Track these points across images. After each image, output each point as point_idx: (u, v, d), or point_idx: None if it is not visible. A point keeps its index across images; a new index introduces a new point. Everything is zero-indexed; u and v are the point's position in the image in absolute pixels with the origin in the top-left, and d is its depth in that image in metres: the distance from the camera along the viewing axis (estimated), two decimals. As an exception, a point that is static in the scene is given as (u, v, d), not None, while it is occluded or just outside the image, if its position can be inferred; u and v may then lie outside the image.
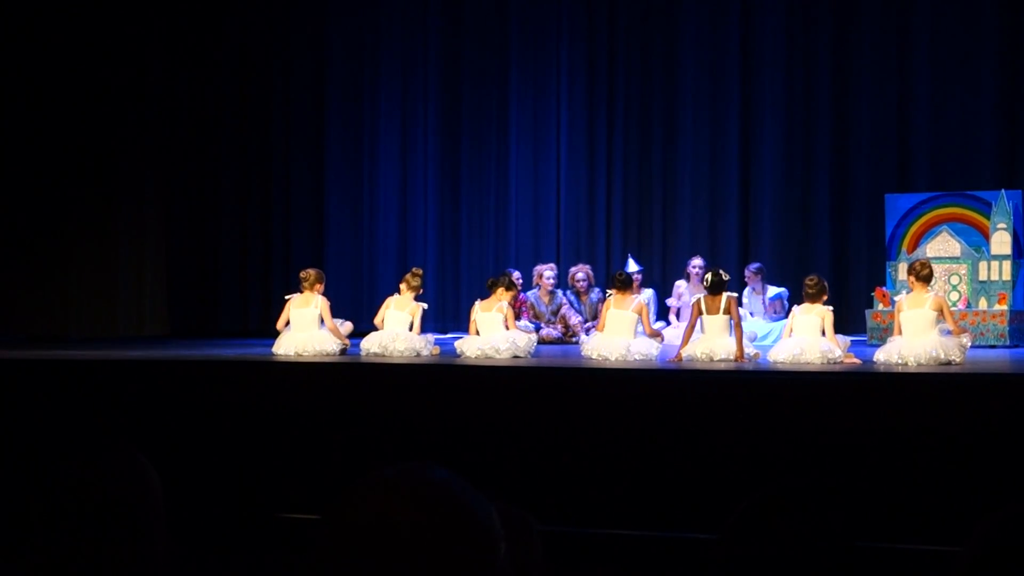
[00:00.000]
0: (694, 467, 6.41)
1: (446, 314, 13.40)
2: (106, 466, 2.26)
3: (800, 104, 12.69)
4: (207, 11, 13.84)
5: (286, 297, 9.48)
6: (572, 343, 11.46)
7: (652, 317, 11.87)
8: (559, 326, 11.74)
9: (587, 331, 11.67)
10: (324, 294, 9.36)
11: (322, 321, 9.17)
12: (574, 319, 11.71)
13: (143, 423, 7.25)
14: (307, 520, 6.68)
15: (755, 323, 11.42)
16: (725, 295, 8.60)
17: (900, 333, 8.10)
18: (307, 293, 9.26)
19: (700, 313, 8.63)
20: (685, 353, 8.48)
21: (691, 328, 8.74)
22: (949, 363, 7.66)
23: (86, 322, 13.33)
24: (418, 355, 8.98)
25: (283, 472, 7.06)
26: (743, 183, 12.87)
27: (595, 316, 11.70)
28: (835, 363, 7.87)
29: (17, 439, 7.30)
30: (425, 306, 9.45)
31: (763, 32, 12.82)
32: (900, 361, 7.73)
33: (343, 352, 9.10)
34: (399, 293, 9.44)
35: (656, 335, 9.16)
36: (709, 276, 8.75)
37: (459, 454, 6.54)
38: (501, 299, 9.30)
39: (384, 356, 8.88)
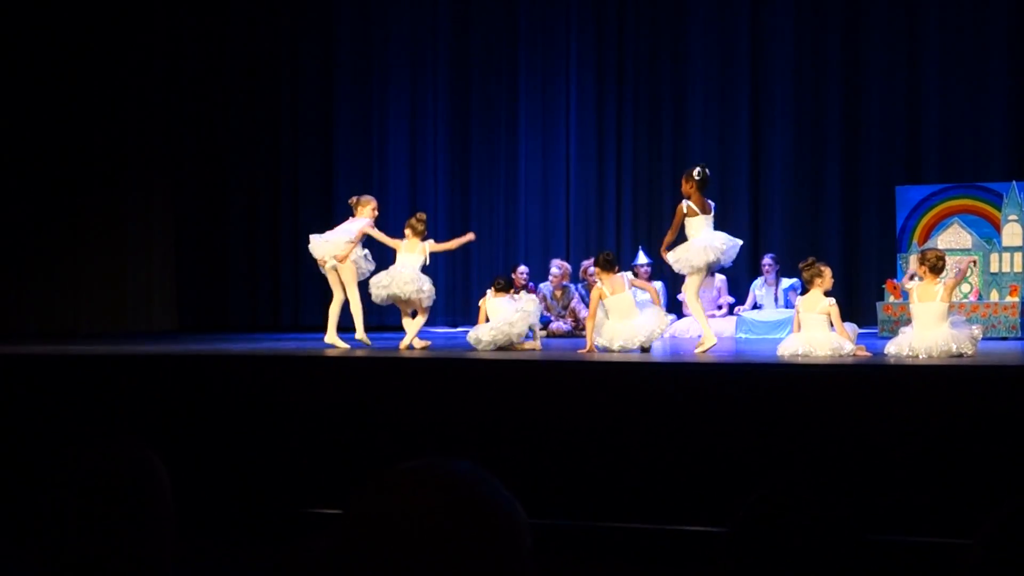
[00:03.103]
0: (704, 460, 6.39)
1: (455, 307, 13.40)
2: (114, 461, 2.25)
3: (810, 95, 12.66)
4: (213, 1, 13.84)
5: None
6: (582, 336, 11.45)
7: (663, 302, 11.91)
8: (569, 320, 11.74)
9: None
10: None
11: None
12: (583, 312, 11.71)
13: (152, 418, 7.26)
14: (315, 514, 6.69)
15: (766, 313, 11.40)
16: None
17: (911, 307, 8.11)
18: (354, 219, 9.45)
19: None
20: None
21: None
22: (960, 356, 7.63)
23: (95, 317, 13.36)
24: (420, 291, 9.07)
25: (293, 466, 7.06)
26: (753, 175, 12.85)
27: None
28: (846, 357, 7.82)
29: (26, 434, 7.31)
30: (432, 241, 9.45)
31: (773, 23, 12.79)
32: (911, 354, 7.69)
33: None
34: (405, 238, 9.44)
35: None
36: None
37: (470, 448, 6.54)
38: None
39: (391, 287, 9.01)
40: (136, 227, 13.63)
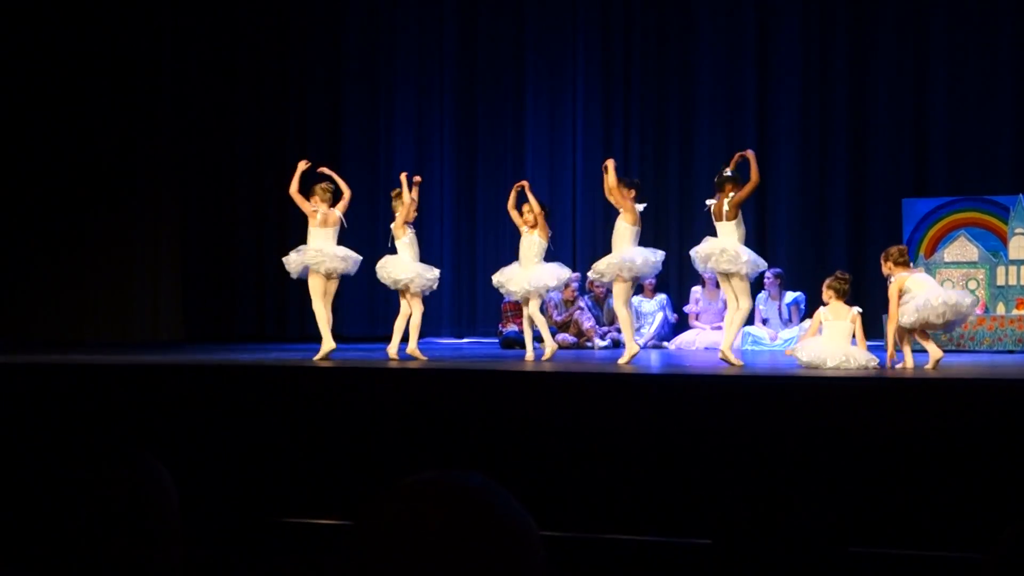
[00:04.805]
0: (713, 473, 6.38)
1: (462, 320, 13.37)
2: (121, 472, 2.25)
3: (817, 108, 12.66)
4: (221, 14, 13.87)
5: None
6: (587, 348, 11.46)
7: (667, 315, 11.93)
8: (572, 333, 11.72)
9: (603, 336, 11.67)
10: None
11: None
12: (587, 324, 11.71)
13: (159, 428, 7.26)
14: (318, 525, 6.68)
15: (769, 329, 11.40)
16: None
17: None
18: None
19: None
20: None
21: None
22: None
23: (103, 327, 13.36)
24: (414, 280, 9.36)
25: (301, 478, 7.06)
26: (760, 188, 12.82)
27: (612, 321, 11.69)
28: (871, 371, 7.74)
29: (33, 444, 7.31)
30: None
31: (779, 36, 12.79)
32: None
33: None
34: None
35: None
36: None
37: (478, 459, 6.53)
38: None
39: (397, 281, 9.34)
40: (143, 237, 13.64)
